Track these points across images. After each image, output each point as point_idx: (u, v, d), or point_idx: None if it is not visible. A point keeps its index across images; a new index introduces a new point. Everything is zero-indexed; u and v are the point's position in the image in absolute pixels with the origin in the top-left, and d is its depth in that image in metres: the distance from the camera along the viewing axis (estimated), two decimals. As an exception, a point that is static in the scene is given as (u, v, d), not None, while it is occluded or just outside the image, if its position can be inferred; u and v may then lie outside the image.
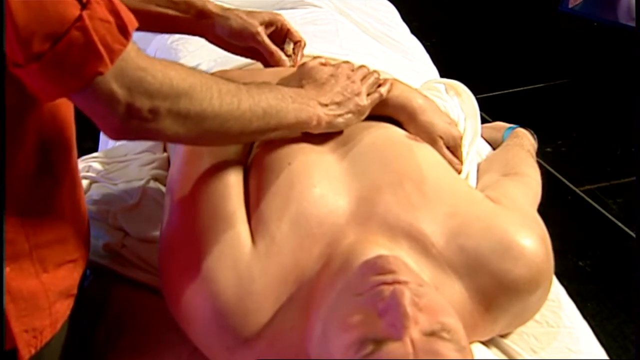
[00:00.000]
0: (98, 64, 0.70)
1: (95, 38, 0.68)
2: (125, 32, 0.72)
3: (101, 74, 0.70)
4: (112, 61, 0.70)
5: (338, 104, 1.01)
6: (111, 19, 0.71)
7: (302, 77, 1.04)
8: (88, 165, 1.31)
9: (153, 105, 0.76)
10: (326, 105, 1.00)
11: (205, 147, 1.02)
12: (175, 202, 1.00)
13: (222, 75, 1.13)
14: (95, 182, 1.29)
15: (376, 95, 1.06)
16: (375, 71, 1.09)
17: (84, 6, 0.68)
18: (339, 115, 1.01)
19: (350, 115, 1.02)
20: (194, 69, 0.84)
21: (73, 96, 0.73)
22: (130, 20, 0.73)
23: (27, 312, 0.82)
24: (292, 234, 0.92)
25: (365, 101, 1.04)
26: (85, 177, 1.29)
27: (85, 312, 1.00)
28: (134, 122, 0.76)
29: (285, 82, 1.07)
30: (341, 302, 0.81)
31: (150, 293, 1.11)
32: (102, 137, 1.57)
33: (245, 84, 0.90)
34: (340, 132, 1.05)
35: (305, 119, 0.97)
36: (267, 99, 0.91)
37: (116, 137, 0.80)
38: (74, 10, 0.67)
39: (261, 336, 0.89)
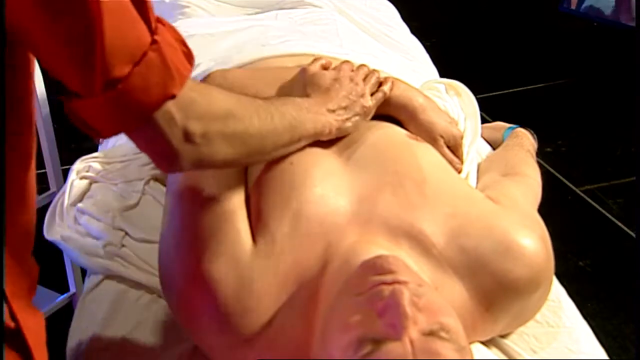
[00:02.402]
0: (173, 85, 0.69)
1: (169, 61, 0.69)
2: (190, 58, 0.72)
3: (174, 96, 0.70)
4: (181, 84, 0.70)
5: (345, 108, 1.02)
6: (176, 45, 0.71)
7: (305, 84, 1.04)
8: (88, 165, 1.31)
9: (205, 127, 0.76)
10: (334, 111, 1.01)
11: None
12: (176, 201, 1.00)
13: (223, 75, 1.14)
14: (95, 182, 1.29)
15: (380, 94, 1.07)
16: (375, 70, 1.09)
17: (153, 31, 0.68)
18: (347, 119, 1.02)
19: (357, 117, 1.03)
20: (226, 91, 0.84)
21: (135, 128, 0.72)
22: (191, 50, 0.74)
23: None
24: (293, 233, 0.92)
25: (370, 102, 1.04)
26: (85, 177, 1.29)
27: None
28: (188, 148, 0.75)
29: (288, 87, 1.07)
30: (341, 301, 0.81)
31: (150, 293, 1.11)
32: (102, 137, 1.57)
33: (267, 98, 0.92)
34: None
35: (321, 128, 0.98)
36: (289, 111, 0.93)
37: (171, 167, 0.79)
38: (147, 35, 0.67)
39: (261, 335, 0.89)
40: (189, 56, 0.73)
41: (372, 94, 1.06)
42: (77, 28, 0.62)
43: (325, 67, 1.09)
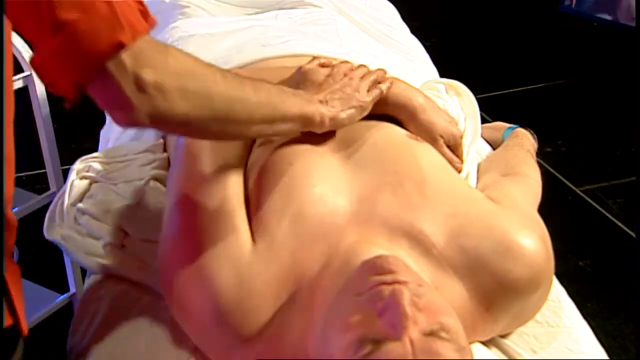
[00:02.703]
0: (122, 34, 0.71)
1: (120, 12, 0.71)
2: (146, 16, 0.75)
3: (123, 45, 0.71)
4: (133, 36, 0.72)
5: (339, 99, 1.01)
6: (133, 4, 0.74)
7: (299, 81, 1.04)
8: (88, 165, 1.31)
9: (158, 78, 0.76)
10: (326, 102, 1.00)
11: (205, 146, 1.01)
12: (176, 202, 1.00)
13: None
14: (95, 182, 1.29)
15: (377, 91, 1.06)
16: (376, 70, 1.09)
17: None
18: (341, 110, 1.01)
19: (352, 110, 1.02)
20: (188, 53, 0.84)
21: (89, 77, 0.74)
22: (149, 12, 0.76)
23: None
24: (293, 233, 0.92)
25: (366, 97, 1.04)
26: (85, 177, 1.29)
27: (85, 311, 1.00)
28: (142, 98, 0.75)
29: (286, 86, 1.07)
30: (341, 302, 0.81)
31: (150, 293, 1.11)
32: (102, 137, 1.57)
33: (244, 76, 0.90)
34: (341, 132, 1.05)
35: (309, 113, 0.96)
36: (268, 89, 0.92)
37: (129, 120, 0.78)
38: None
39: (261, 335, 0.89)
40: (145, 15, 0.75)
41: (368, 91, 1.05)
42: None
43: (323, 66, 1.09)
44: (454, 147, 1.14)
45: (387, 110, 1.11)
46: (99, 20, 0.70)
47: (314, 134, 1.01)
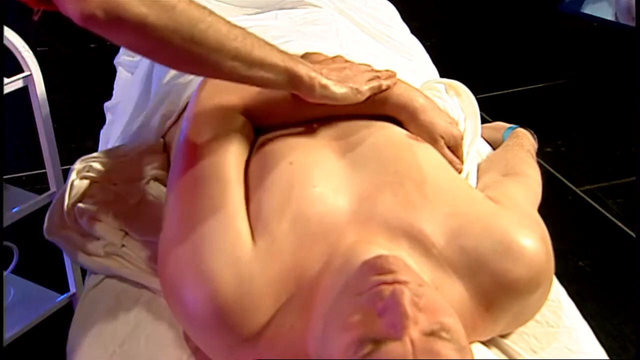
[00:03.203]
0: None
1: None
2: None
3: None
4: None
5: (336, 76, 1.00)
6: None
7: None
8: (88, 165, 1.31)
9: None
10: (321, 73, 0.98)
11: (206, 146, 1.01)
12: (176, 201, 1.00)
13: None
14: (95, 182, 1.29)
15: (376, 83, 1.06)
16: (383, 70, 1.09)
17: None
18: (335, 84, 0.99)
19: (347, 89, 1.01)
20: None
21: None
22: None
23: None
24: (293, 233, 0.92)
25: (364, 85, 1.04)
26: (85, 177, 1.29)
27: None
28: None
29: None
30: (341, 301, 0.81)
31: (150, 292, 1.11)
32: (102, 137, 1.57)
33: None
34: (341, 132, 1.05)
35: (296, 70, 0.94)
36: (246, 31, 0.89)
37: (82, 10, 0.76)
38: None
39: (261, 335, 0.89)
40: None
41: (367, 81, 1.05)
42: None
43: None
44: (454, 148, 1.14)
45: (387, 111, 1.11)
46: None
47: (314, 133, 1.01)
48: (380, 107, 1.08)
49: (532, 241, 0.95)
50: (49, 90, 1.51)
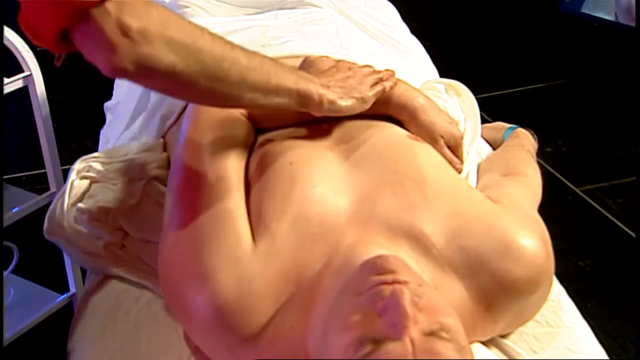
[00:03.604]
0: None
1: None
2: None
3: None
4: None
5: (341, 88, 1.01)
6: None
7: (303, 68, 1.04)
8: (88, 165, 1.31)
9: (143, 24, 0.75)
10: (328, 87, 0.99)
11: (206, 146, 1.01)
12: (176, 202, 1.01)
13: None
14: (95, 182, 1.29)
15: (379, 88, 1.06)
16: (383, 70, 1.09)
17: None
18: (342, 97, 1.00)
19: (353, 100, 1.01)
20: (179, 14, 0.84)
21: (73, 24, 0.74)
22: None
23: None
24: (293, 233, 0.92)
25: (368, 92, 1.04)
26: (85, 177, 1.29)
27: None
28: (125, 43, 0.75)
29: None
30: (341, 301, 0.81)
31: (150, 293, 1.11)
32: (102, 137, 1.57)
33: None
34: (341, 132, 1.05)
35: (307, 90, 0.95)
36: (262, 57, 0.90)
37: (113, 65, 0.77)
38: None
39: (261, 335, 0.89)
40: None
41: (371, 87, 1.05)
42: None
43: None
44: (454, 148, 1.14)
45: (387, 111, 1.11)
46: None
47: (315, 134, 1.01)
48: (381, 107, 1.08)
49: (532, 241, 0.95)
50: (49, 90, 1.51)
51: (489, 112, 2.02)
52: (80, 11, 0.73)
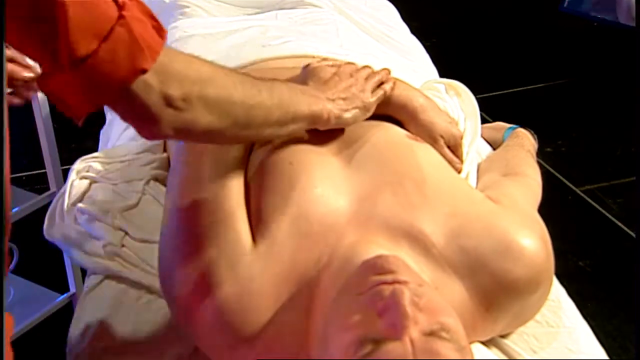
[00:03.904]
0: (143, 59, 0.70)
1: (138, 35, 0.69)
2: (160, 32, 0.73)
3: (145, 70, 0.70)
4: (153, 58, 0.71)
5: (344, 99, 1.01)
6: (146, 19, 0.72)
7: (305, 78, 1.04)
8: (88, 165, 1.31)
9: (184, 91, 0.75)
10: (333, 100, 0.99)
11: (206, 146, 1.01)
12: (176, 202, 1.00)
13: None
14: (95, 182, 1.29)
15: (381, 92, 1.06)
16: (380, 70, 1.09)
17: (120, 7, 0.68)
18: (346, 110, 1.00)
19: (357, 110, 1.02)
20: (204, 59, 0.84)
21: (112, 102, 0.72)
22: (161, 24, 0.74)
23: None
24: (293, 233, 0.92)
25: (370, 98, 1.04)
26: (85, 177, 1.29)
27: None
28: (169, 112, 0.75)
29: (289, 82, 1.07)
30: (341, 301, 0.81)
31: (150, 293, 1.11)
32: (102, 137, 1.57)
33: (255, 77, 0.90)
34: (341, 132, 1.05)
35: (318, 111, 0.96)
36: (280, 88, 0.91)
37: (153, 134, 0.78)
38: (114, 10, 0.68)
39: (261, 335, 0.89)
40: (159, 30, 0.73)
41: (372, 92, 1.05)
42: (40, 7, 0.63)
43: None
44: (454, 148, 1.14)
45: (387, 111, 1.11)
46: (119, 48, 0.68)
47: (315, 134, 1.01)
48: (381, 107, 1.08)
49: (532, 241, 0.95)
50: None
51: (489, 112, 2.02)
52: (118, 91, 0.70)
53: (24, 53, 0.71)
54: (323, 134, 1.02)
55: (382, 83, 1.08)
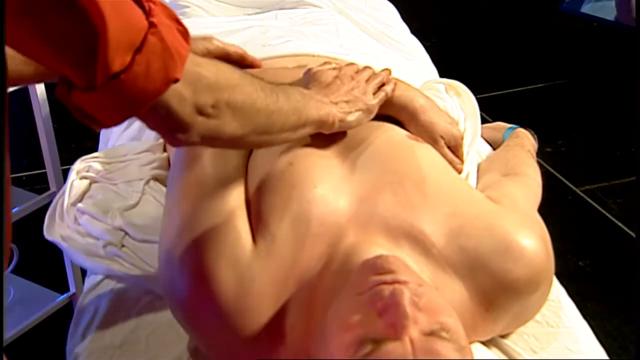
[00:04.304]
0: (174, 68, 0.67)
1: (169, 43, 0.66)
2: (186, 36, 0.70)
3: (178, 80, 0.68)
4: (182, 65, 0.68)
5: (347, 102, 1.01)
6: (172, 24, 0.69)
7: (307, 82, 1.04)
8: (88, 165, 1.31)
9: (214, 98, 0.75)
10: (336, 103, 1.00)
11: (206, 147, 1.01)
12: (176, 201, 1.00)
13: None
14: (95, 182, 1.29)
15: (382, 94, 1.06)
16: (381, 72, 1.09)
17: (148, 13, 0.65)
18: (349, 113, 1.00)
19: (359, 113, 1.02)
20: (230, 65, 0.83)
21: (142, 113, 0.70)
22: (186, 27, 0.72)
23: None
24: (293, 233, 0.92)
25: (372, 100, 1.04)
26: (85, 177, 1.29)
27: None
28: (200, 120, 0.74)
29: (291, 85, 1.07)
30: (341, 301, 0.81)
31: (150, 293, 1.11)
32: (102, 137, 1.57)
33: (270, 82, 0.90)
34: (341, 133, 1.05)
35: (325, 116, 0.96)
36: (294, 94, 0.92)
37: (181, 141, 0.77)
38: (143, 18, 0.64)
39: (262, 335, 0.89)
40: (185, 34, 0.70)
41: (374, 94, 1.06)
42: (76, 30, 0.60)
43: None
44: (454, 148, 1.14)
45: (388, 111, 1.11)
46: (152, 59, 0.65)
47: (315, 135, 1.01)
48: (381, 108, 1.08)
49: (532, 241, 0.95)
50: (49, 90, 1.51)
51: (489, 112, 2.02)
52: (151, 102, 0.67)
53: (51, 70, 0.64)
54: (323, 135, 1.02)
55: (383, 84, 1.08)
